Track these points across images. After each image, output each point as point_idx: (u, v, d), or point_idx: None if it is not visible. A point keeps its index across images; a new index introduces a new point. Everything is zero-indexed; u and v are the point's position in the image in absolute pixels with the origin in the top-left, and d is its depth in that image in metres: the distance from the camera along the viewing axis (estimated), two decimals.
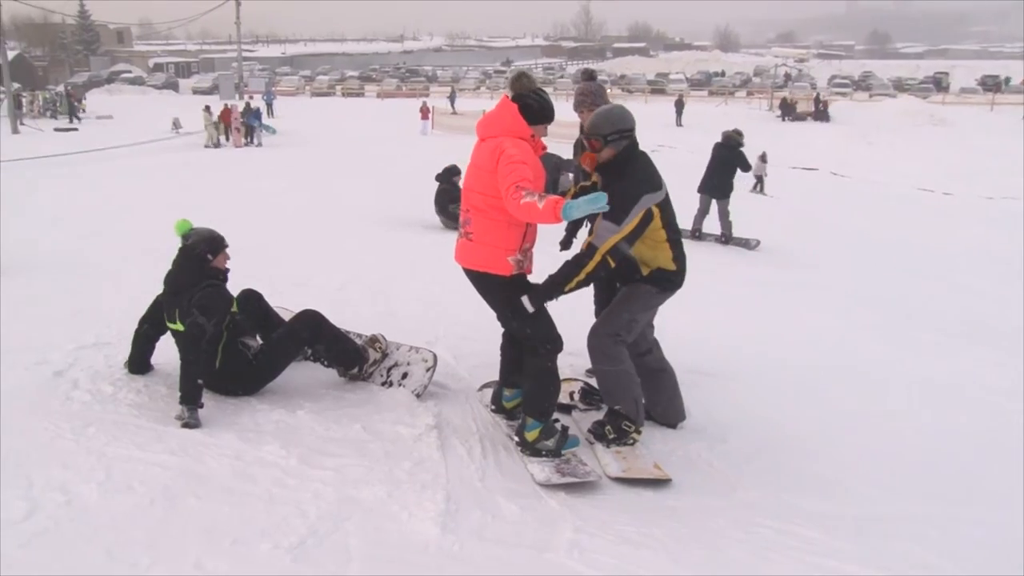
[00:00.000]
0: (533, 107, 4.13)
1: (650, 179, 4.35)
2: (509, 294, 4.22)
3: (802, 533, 3.83)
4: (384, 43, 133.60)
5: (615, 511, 3.90)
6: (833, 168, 28.48)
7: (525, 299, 4.19)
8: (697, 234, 13.12)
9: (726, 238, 12.99)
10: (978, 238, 16.45)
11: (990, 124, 41.20)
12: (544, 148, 4.25)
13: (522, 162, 3.91)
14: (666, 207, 4.45)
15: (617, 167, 4.36)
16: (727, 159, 13.07)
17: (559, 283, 4.21)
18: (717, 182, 12.98)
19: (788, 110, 47.20)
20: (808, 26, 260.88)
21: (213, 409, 4.67)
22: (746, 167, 13.40)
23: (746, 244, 12.99)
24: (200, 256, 4.80)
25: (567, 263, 4.28)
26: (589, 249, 4.22)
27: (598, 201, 3.56)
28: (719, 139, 13.39)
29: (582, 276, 4.21)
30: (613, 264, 4.26)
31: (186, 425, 4.42)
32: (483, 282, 4.27)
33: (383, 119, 40.76)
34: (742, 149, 13.27)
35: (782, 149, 32.21)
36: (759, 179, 21.68)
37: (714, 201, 13.04)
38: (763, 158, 21.74)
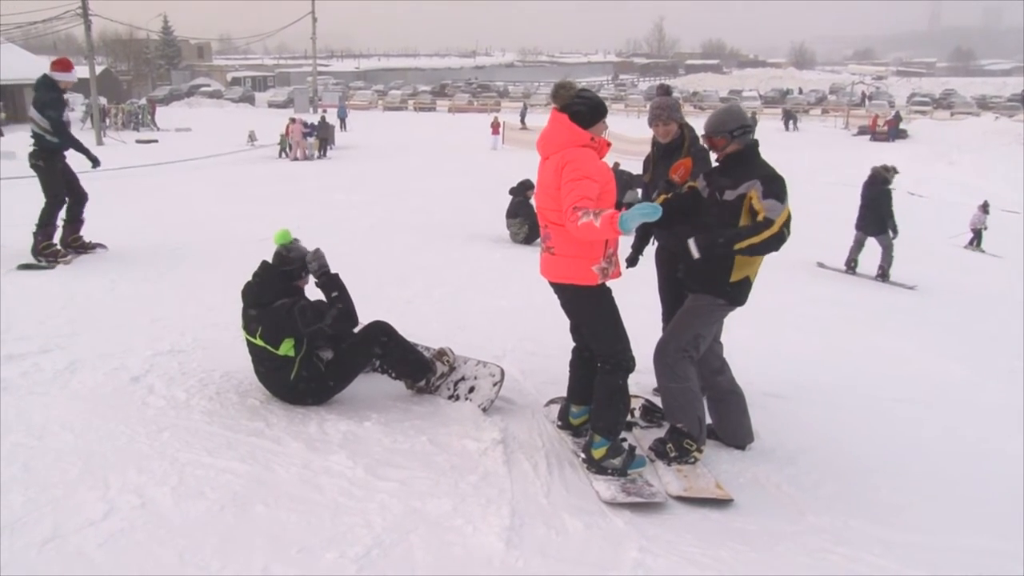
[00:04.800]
0: (583, 111, 4.07)
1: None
2: (596, 304, 4.20)
3: (875, 562, 3.72)
4: (456, 58, 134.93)
5: (681, 532, 3.85)
6: (910, 188, 27.73)
7: (691, 241, 4.19)
8: (852, 265, 12.80)
9: (883, 272, 12.51)
10: None
11: None
12: (608, 144, 4.19)
13: (583, 177, 3.87)
14: None
15: (746, 159, 4.38)
16: (872, 197, 12.60)
17: (730, 241, 4.16)
18: (870, 219, 12.63)
19: (790, 119, 49.91)
20: (888, 44, 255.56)
21: (282, 418, 4.75)
22: (887, 210, 12.51)
23: (903, 285, 12.32)
24: (292, 274, 4.90)
25: (740, 228, 4.21)
26: (765, 220, 4.15)
27: (651, 210, 3.50)
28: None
29: (757, 241, 4.14)
30: (788, 235, 4.21)
31: None
32: (569, 294, 4.26)
33: (454, 133, 41.11)
34: (890, 188, 12.70)
35: (855, 167, 31.57)
36: (977, 233, 18.78)
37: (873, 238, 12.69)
38: (984, 208, 18.91)
